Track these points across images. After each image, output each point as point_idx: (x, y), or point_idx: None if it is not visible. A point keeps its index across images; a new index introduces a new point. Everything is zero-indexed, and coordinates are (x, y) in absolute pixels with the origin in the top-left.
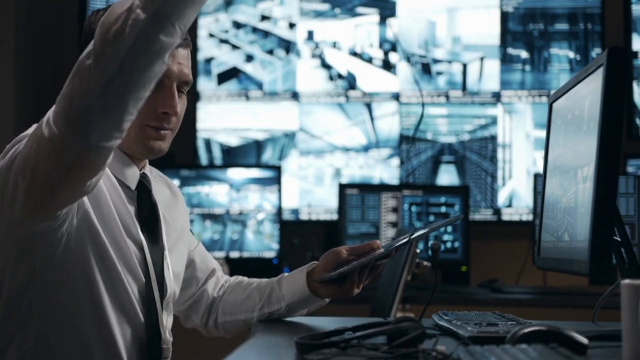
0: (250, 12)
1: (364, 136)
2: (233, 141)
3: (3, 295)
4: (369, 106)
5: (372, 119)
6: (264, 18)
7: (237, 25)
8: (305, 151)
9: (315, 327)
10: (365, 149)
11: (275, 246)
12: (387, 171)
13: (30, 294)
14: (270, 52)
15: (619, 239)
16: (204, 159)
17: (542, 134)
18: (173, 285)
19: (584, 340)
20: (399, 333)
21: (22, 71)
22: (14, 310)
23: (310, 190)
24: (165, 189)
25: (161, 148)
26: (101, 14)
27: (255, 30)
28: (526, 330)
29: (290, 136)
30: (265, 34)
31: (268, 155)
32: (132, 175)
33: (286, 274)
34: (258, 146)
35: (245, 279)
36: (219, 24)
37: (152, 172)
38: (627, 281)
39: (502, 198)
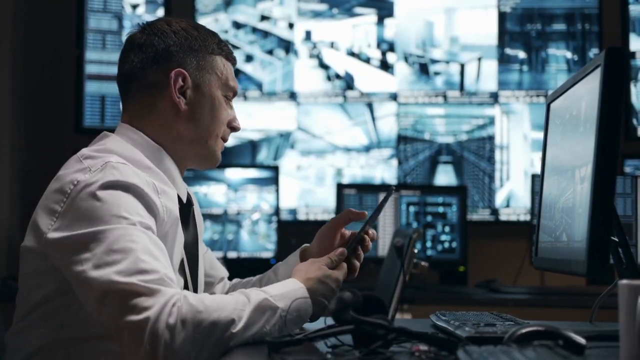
0: (249, 12)
1: (365, 136)
2: (228, 141)
3: (41, 309)
4: (370, 106)
5: (373, 119)
6: (263, 18)
7: (237, 25)
8: (306, 151)
9: (311, 328)
10: (367, 149)
11: (271, 246)
12: (388, 171)
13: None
14: (270, 52)
15: (617, 239)
16: None
17: (540, 135)
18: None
19: (582, 341)
20: (362, 333)
21: (19, 70)
22: (47, 326)
23: (310, 190)
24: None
25: (220, 159)
26: (171, 36)
27: (254, 30)
28: (524, 331)
29: (285, 136)
30: (265, 34)
31: (263, 156)
32: (183, 187)
33: (280, 262)
34: (253, 146)
35: (246, 279)
36: (219, 24)
37: None
38: (624, 281)
39: (499, 199)
